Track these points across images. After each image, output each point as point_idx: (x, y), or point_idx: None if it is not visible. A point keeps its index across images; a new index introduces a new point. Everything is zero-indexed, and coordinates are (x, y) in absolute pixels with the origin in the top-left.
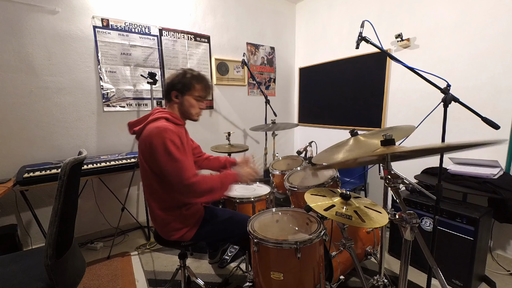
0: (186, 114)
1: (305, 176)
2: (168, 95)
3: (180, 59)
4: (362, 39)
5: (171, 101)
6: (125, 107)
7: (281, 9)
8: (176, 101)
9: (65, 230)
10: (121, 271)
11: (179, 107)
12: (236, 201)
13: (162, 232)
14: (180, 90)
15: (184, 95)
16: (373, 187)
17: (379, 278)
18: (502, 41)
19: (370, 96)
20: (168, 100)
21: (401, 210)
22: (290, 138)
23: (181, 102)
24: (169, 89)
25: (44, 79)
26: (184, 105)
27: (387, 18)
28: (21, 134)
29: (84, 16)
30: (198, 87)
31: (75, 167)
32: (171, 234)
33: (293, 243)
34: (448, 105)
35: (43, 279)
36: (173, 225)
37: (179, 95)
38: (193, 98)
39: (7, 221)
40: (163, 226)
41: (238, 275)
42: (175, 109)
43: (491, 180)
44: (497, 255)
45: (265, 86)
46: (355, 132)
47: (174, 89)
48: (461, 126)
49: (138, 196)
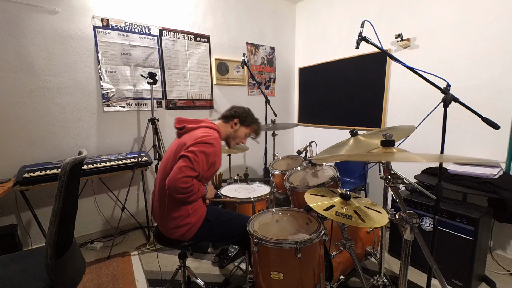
0: (229, 138)
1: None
2: (230, 119)
3: (180, 59)
4: (362, 39)
5: (227, 123)
6: (125, 107)
7: (281, 9)
8: (233, 126)
9: (65, 230)
10: (121, 271)
11: (232, 131)
12: (236, 201)
13: (164, 228)
14: (242, 121)
15: (242, 126)
16: (373, 187)
17: (379, 278)
18: (502, 41)
19: (370, 96)
20: (225, 121)
21: (401, 210)
22: (290, 138)
23: (236, 129)
24: (235, 115)
25: (44, 79)
26: (236, 132)
27: (387, 18)
28: (21, 134)
29: (84, 16)
30: (254, 128)
31: (75, 167)
32: (173, 232)
33: (293, 243)
34: (448, 105)
35: (43, 279)
36: (177, 221)
37: (238, 124)
38: (245, 132)
39: (7, 221)
40: (168, 221)
41: (238, 275)
42: (225, 130)
43: (491, 180)
44: (497, 255)
45: (265, 86)
46: (355, 132)
47: (239, 118)
48: (461, 126)
49: (138, 196)
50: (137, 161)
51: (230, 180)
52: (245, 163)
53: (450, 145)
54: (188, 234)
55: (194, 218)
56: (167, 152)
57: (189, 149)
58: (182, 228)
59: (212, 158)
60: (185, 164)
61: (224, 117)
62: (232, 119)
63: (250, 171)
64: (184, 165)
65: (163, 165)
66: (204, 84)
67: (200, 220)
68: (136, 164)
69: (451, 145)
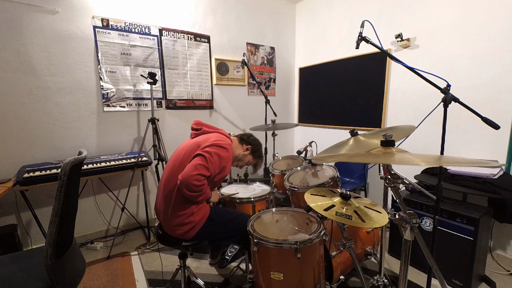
0: (234, 158)
1: (305, 176)
2: (245, 142)
3: (180, 59)
4: (362, 39)
5: (242, 145)
6: (125, 107)
7: (281, 9)
8: (243, 149)
9: (65, 230)
10: (121, 271)
11: (241, 152)
12: (236, 201)
13: (167, 225)
14: (253, 151)
15: (249, 154)
16: (373, 187)
17: (379, 278)
18: (502, 41)
19: (370, 96)
20: (241, 142)
21: (401, 210)
22: (290, 138)
23: (245, 154)
24: (250, 143)
25: (44, 79)
26: (244, 157)
27: (387, 18)
28: (21, 134)
29: (84, 16)
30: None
31: (75, 167)
32: (176, 229)
33: (293, 243)
34: (448, 105)
35: (43, 279)
36: (181, 219)
37: (249, 151)
38: (247, 160)
39: (7, 221)
40: (172, 219)
41: (238, 275)
42: (236, 148)
43: (491, 180)
44: (497, 255)
45: (265, 86)
46: (355, 132)
47: (251, 145)
48: (461, 126)
49: (138, 196)
50: (137, 161)
51: (230, 180)
52: None
53: (450, 145)
54: (190, 233)
55: (198, 216)
56: (177, 150)
57: (205, 149)
58: (185, 226)
59: (225, 163)
60: (201, 162)
61: (241, 139)
62: (247, 144)
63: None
64: (200, 164)
65: (171, 162)
66: (204, 84)
67: (204, 219)
68: (136, 164)
69: (451, 145)
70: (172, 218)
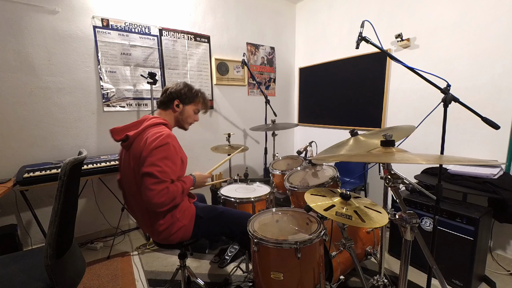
0: (181, 122)
1: (305, 176)
2: (168, 103)
3: (180, 59)
4: (362, 39)
5: (169, 109)
6: (125, 107)
7: (281, 9)
8: (176, 109)
9: (65, 230)
10: (121, 271)
11: (177, 115)
12: (236, 201)
13: (160, 239)
14: (183, 100)
15: (185, 105)
16: (373, 187)
17: (379, 278)
18: (502, 41)
19: (370, 96)
20: (165, 108)
21: (401, 210)
22: (290, 138)
23: (182, 111)
24: (173, 97)
25: (44, 79)
26: (183, 114)
27: (387, 18)
28: (21, 134)
29: (84, 16)
30: (200, 101)
31: (75, 167)
32: (172, 240)
33: (293, 243)
34: (448, 105)
35: (43, 279)
36: (170, 230)
37: (181, 105)
38: (193, 110)
39: (7, 221)
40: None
41: (238, 275)
42: (171, 117)
43: (491, 180)
44: (497, 255)
45: (265, 86)
46: (355, 132)
47: (178, 98)
48: (461, 126)
49: None
50: None
51: (230, 180)
52: (245, 163)
53: (450, 145)
54: (187, 235)
55: (186, 219)
56: (122, 168)
57: (147, 163)
58: (178, 233)
59: (176, 157)
60: (151, 181)
61: (162, 103)
62: (172, 103)
63: (250, 171)
64: (151, 183)
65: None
66: (204, 84)
67: (193, 219)
68: None
69: (451, 145)
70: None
